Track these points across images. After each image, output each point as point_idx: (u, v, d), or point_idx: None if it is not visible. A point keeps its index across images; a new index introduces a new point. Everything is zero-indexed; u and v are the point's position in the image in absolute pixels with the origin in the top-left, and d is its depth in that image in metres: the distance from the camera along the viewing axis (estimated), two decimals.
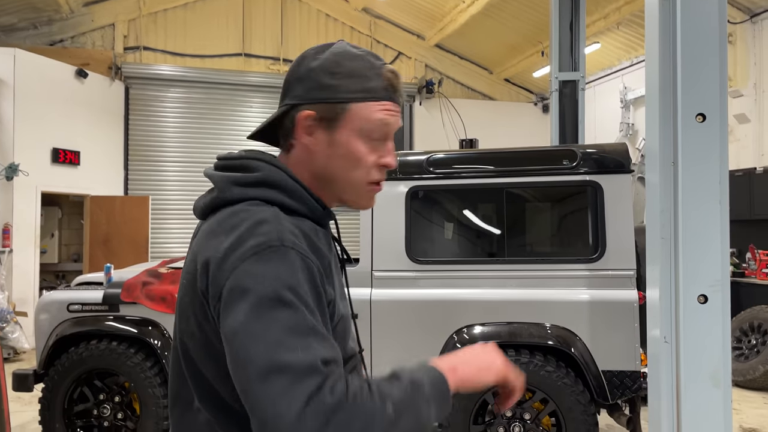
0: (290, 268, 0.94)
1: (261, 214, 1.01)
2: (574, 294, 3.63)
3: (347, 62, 1.09)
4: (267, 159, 1.10)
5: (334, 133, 1.09)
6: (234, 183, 1.07)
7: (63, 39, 10.06)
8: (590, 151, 3.76)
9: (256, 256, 0.94)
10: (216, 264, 0.96)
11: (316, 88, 1.08)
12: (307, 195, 1.08)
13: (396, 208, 3.85)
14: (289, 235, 0.98)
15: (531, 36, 10.30)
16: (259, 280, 0.92)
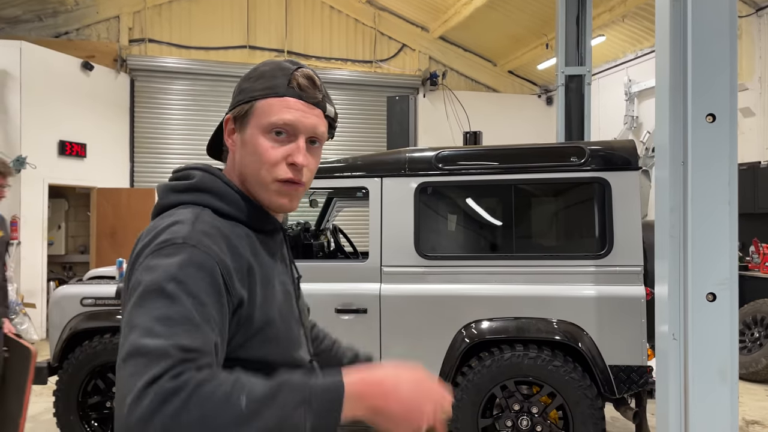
0: (183, 262, 0.97)
1: (180, 216, 1.06)
2: (581, 289, 3.67)
3: (261, 68, 1.17)
4: (205, 168, 1.16)
5: (244, 133, 1.14)
6: (170, 190, 1.15)
7: (68, 31, 10.07)
8: (598, 147, 3.79)
9: (157, 252, 0.99)
10: (131, 262, 1.05)
11: (236, 94, 1.17)
12: (238, 198, 1.13)
13: (405, 204, 3.89)
14: (197, 234, 1.02)
15: (535, 28, 10.29)
16: (149, 273, 0.97)
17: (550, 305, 3.67)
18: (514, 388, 3.65)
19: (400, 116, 7.82)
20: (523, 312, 3.69)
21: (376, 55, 11.67)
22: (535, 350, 3.60)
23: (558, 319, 3.64)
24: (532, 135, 11.45)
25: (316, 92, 1.15)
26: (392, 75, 11.68)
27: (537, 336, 3.63)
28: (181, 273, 0.96)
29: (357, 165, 4.03)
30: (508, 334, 3.66)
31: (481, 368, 3.63)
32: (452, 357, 3.71)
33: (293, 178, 1.13)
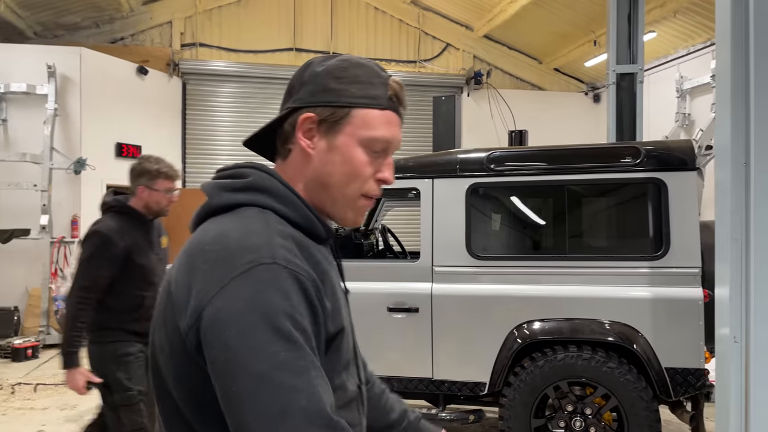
0: (284, 290, 0.86)
1: (251, 223, 0.94)
2: (637, 291, 3.64)
3: (353, 68, 1.05)
4: (259, 166, 1.05)
5: (333, 138, 1.03)
6: (223, 188, 1.03)
7: (124, 37, 10.44)
8: (654, 148, 3.75)
9: (246, 275, 0.86)
10: (200, 277, 0.89)
11: (320, 91, 1.03)
12: (299, 202, 1.02)
13: (456, 205, 3.93)
14: (280, 249, 0.90)
15: (583, 25, 10.15)
16: (250, 304, 0.84)
17: (604, 306, 3.65)
18: (568, 389, 3.65)
19: (446, 116, 7.85)
20: (576, 313, 3.68)
21: (420, 55, 11.71)
22: (589, 351, 3.59)
23: (612, 321, 3.62)
24: (579, 133, 11.28)
25: (405, 104, 1.11)
26: (436, 75, 11.69)
27: (591, 337, 3.62)
28: (286, 303, 0.85)
29: (408, 166, 4.08)
30: (561, 335, 3.66)
31: (533, 369, 3.64)
32: (504, 357, 3.73)
33: (379, 194, 1.09)
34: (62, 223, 8.25)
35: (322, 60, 1.08)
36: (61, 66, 8.27)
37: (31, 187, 7.87)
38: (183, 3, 10.65)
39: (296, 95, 1.06)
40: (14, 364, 6.92)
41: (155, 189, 3.02)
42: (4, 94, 8.13)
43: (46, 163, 7.91)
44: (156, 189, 3.02)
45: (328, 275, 1.00)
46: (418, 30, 11.67)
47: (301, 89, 1.05)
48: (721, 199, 2.82)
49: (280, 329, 0.84)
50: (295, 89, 1.07)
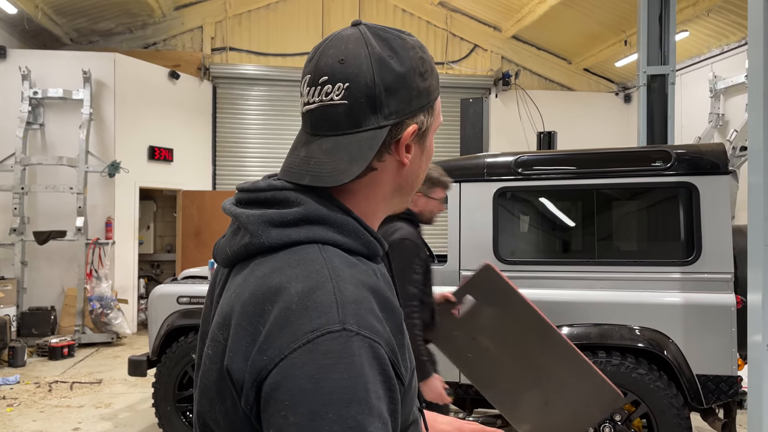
0: (357, 368, 0.72)
1: (313, 272, 0.78)
2: (667, 296, 3.60)
3: (427, 56, 0.92)
4: (304, 188, 0.87)
5: (425, 141, 0.93)
6: (270, 223, 0.84)
7: (156, 42, 10.65)
8: (685, 151, 3.70)
9: (311, 346, 0.72)
10: (257, 345, 0.75)
11: (414, 97, 0.88)
12: (361, 229, 0.87)
13: (484, 209, 3.93)
14: (352, 307, 0.76)
15: (613, 25, 10.02)
16: (316, 386, 0.70)
17: (634, 312, 3.61)
18: None
19: (473, 118, 7.84)
20: (605, 318, 3.65)
21: (447, 56, 11.69)
22: (618, 357, 3.56)
23: (642, 327, 3.58)
24: (609, 133, 11.17)
25: None
26: (464, 76, 11.66)
27: (620, 343, 3.58)
28: (359, 385, 0.71)
29: None
30: (590, 341, 3.63)
31: None
32: None
33: None
34: (97, 225, 8.46)
35: (384, 49, 0.88)
36: (96, 71, 8.48)
37: (67, 189, 8.09)
38: (213, 8, 10.82)
39: (387, 107, 0.87)
40: (51, 362, 7.12)
41: (432, 197, 3.00)
42: (41, 100, 8.37)
43: (82, 167, 8.12)
44: (433, 197, 3.00)
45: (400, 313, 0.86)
46: (446, 31, 11.66)
47: (390, 99, 0.87)
48: (754, 203, 2.77)
49: (351, 419, 0.70)
50: (381, 99, 0.86)
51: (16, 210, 7.98)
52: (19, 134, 8.08)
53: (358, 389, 0.71)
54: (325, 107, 0.87)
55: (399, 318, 0.82)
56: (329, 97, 0.86)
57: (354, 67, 0.86)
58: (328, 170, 0.85)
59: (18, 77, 8.22)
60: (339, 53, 0.87)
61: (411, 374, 0.86)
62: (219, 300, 0.89)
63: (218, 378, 0.80)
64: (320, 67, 0.87)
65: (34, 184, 8.25)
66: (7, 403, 5.51)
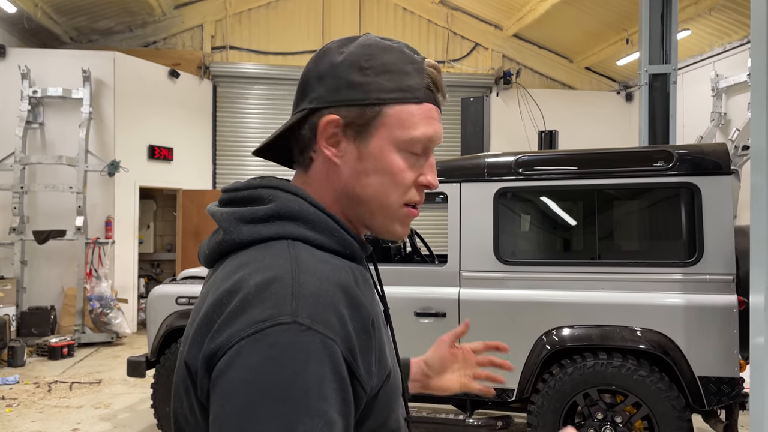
0: (301, 364, 0.69)
1: (274, 267, 0.77)
2: (668, 298, 3.57)
3: (380, 54, 0.87)
4: (280, 185, 0.87)
5: (364, 144, 0.87)
6: (241, 219, 0.84)
7: (156, 41, 10.63)
8: (687, 151, 3.67)
9: (258, 336, 0.70)
10: (210, 333, 0.74)
11: (343, 87, 0.86)
12: (334, 225, 0.85)
13: (484, 209, 3.90)
14: (307, 301, 0.73)
15: (615, 23, 9.99)
16: (254, 377, 0.69)
17: (635, 313, 3.59)
18: (597, 397, 3.59)
19: (474, 117, 7.80)
20: (606, 320, 3.63)
21: (448, 54, 11.66)
22: (619, 359, 3.54)
23: (643, 328, 3.56)
24: (611, 132, 11.13)
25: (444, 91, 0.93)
26: (465, 74, 11.63)
27: (621, 344, 3.56)
28: (299, 385, 0.69)
29: (436, 170, 4.07)
30: (591, 342, 3.61)
31: (562, 376, 3.60)
32: (532, 363, 3.69)
33: (422, 201, 0.93)
34: (97, 224, 8.44)
35: (340, 45, 0.89)
36: (96, 70, 8.45)
37: (66, 189, 8.07)
38: (213, 7, 10.80)
39: (313, 93, 0.88)
40: (51, 362, 7.10)
41: None
42: (41, 99, 8.35)
43: (81, 166, 8.10)
44: None
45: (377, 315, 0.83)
46: (447, 30, 11.62)
47: (318, 85, 0.87)
48: (756, 203, 2.74)
49: (283, 418, 0.68)
50: (310, 85, 0.88)
51: (15, 209, 7.96)
52: (18, 133, 8.06)
53: (297, 387, 0.69)
54: None
55: (366, 318, 0.79)
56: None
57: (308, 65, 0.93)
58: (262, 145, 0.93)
59: (17, 76, 8.19)
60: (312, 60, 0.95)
61: (384, 379, 0.82)
62: None
63: (183, 373, 0.80)
64: None
65: (34, 184, 8.23)
66: (6, 404, 5.50)
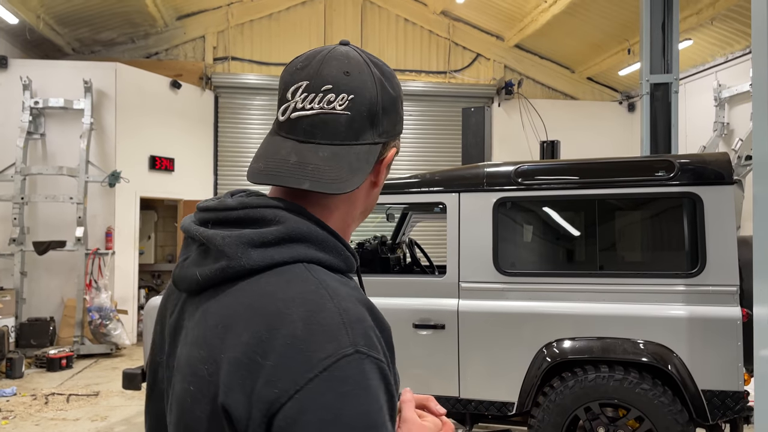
0: (374, 392, 0.71)
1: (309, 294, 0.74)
2: (671, 309, 3.51)
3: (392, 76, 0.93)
4: (282, 205, 0.83)
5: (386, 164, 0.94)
6: (249, 244, 0.78)
7: (158, 52, 10.66)
8: (689, 161, 3.62)
9: (327, 374, 0.69)
10: (262, 377, 0.70)
11: (399, 121, 0.92)
12: (339, 244, 0.85)
13: (483, 220, 3.85)
14: (356, 327, 0.73)
15: (617, 34, 9.98)
16: (336, 416, 0.68)
17: (637, 325, 3.52)
18: (599, 411, 3.52)
19: (475, 128, 7.78)
20: (607, 332, 3.57)
21: (450, 65, 11.66)
22: (621, 372, 3.47)
23: (645, 340, 3.50)
24: (613, 143, 11.10)
25: None
26: (466, 85, 11.63)
27: (623, 357, 3.49)
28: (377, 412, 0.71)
29: (434, 180, 4.03)
30: (592, 355, 3.55)
31: (563, 389, 3.54)
32: (533, 376, 3.63)
33: None
34: (97, 235, 8.42)
35: (388, 77, 0.91)
36: (97, 81, 8.47)
37: (67, 199, 8.05)
38: (216, 18, 10.84)
39: (382, 125, 0.89)
40: (49, 374, 7.05)
41: None
42: (42, 109, 8.36)
43: (82, 176, 8.09)
44: None
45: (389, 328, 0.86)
46: (448, 41, 11.63)
47: (385, 118, 0.89)
48: (760, 214, 2.69)
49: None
50: (379, 117, 0.88)
51: (15, 220, 7.94)
52: (19, 144, 8.06)
53: (376, 415, 0.70)
54: (325, 115, 0.85)
55: (390, 335, 0.80)
56: (331, 106, 0.85)
57: (359, 82, 0.86)
58: (331, 178, 0.82)
59: (19, 87, 8.21)
60: (343, 66, 0.86)
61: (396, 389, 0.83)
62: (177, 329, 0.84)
63: (210, 416, 0.74)
64: (323, 75, 0.85)
65: (35, 194, 8.22)
66: (2, 416, 5.45)
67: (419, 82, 11.44)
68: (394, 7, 11.43)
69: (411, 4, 11.48)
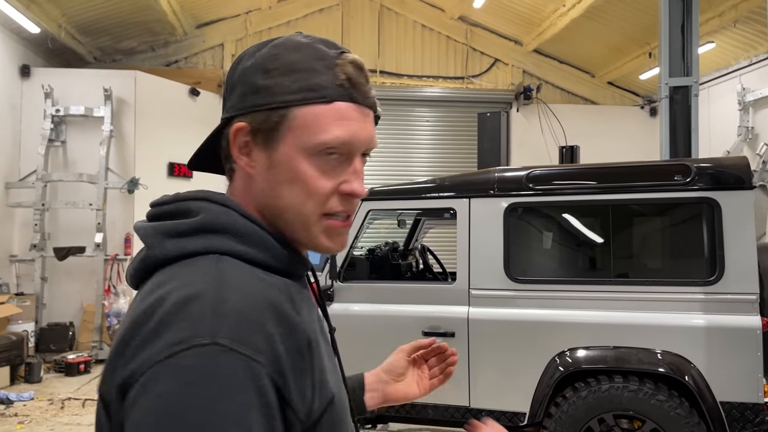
0: (220, 389, 0.64)
1: (195, 283, 0.71)
2: (688, 318, 3.40)
3: (286, 54, 0.81)
4: (210, 196, 0.83)
5: (273, 151, 0.81)
6: (165, 233, 0.78)
7: (177, 60, 10.78)
8: (706, 165, 3.52)
9: (173, 360, 0.65)
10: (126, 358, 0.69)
11: (249, 93, 0.81)
12: (268, 238, 0.80)
13: (494, 225, 3.79)
14: (229, 319, 0.67)
15: (637, 37, 9.82)
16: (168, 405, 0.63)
17: (653, 334, 3.43)
18: (613, 422, 3.43)
19: (491, 133, 7.70)
20: (621, 341, 3.47)
21: (467, 70, 11.59)
22: (636, 382, 3.37)
23: (661, 350, 3.39)
24: (635, 148, 10.91)
25: (368, 87, 0.84)
26: (484, 90, 11.54)
27: (638, 367, 3.40)
28: (217, 413, 0.63)
29: (444, 185, 3.98)
30: (606, 364, 3.46)
31: (576, 399, 3.45)
32: (545, 386, 3.55)
33: (348, 211, 0.85)
34: (116, 241, 8.50)
35: (256, 49, 0.85)
36: (117, 89, 8.57)
37: (86, 206, 8.15)
38: (234, 26, 10.92)
39: (229, 101, 0.85)
40: (67, 379, 7.12)
41: None
42: (63, 117, 8.48)
43: (101, 183, 8.19)
44: None
45: (315, 336, 0.78)
46: (466, 46, 11.57)
47: (232, 93, 0.84)
48: None
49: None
50: (226, 94, 0.86)
51: (36, 226, 8.06)
52: (41, 151, 8.18)
53: (214, 416, 0.63)
54: None
55: (301, 338, 0.73)
56: None
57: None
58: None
59: (41, 95, 8.35)
60: None
61: (326, 404, 0.77)
62: None
63: (98, 407, 0.75)
64: None
65: (55, 201, 8.33)
66: (18, 420, 5.50)
67: (436, 88, 11.40)
68: (412, 13, 11.41)
69: (428, 10, 11.45)
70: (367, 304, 3.85)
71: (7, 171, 8.28)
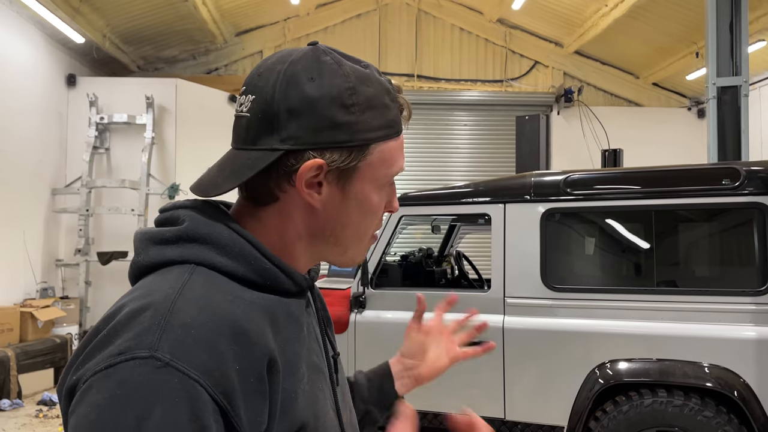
0: (149, 407, 0.61)
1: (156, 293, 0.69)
2: (737, 330, 3.22)
3: (362, 88, 0.78)
4: (194, 204, 0.81)
5: (349, 186, 0.80)
6: (151, 240, 0.78)
7: (218, 67, 10.95)
8: (757, 168, 3.33)
9: (110, 371, 0.63)
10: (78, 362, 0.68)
11: (326, 128, 0.76)
12: (256, 254, 0.77)
13: (530, 232, 3.67)
14: (176, 332, 0.65)
15: (683, 36, 9.50)
16: (96, 419, 0.61)
17: (699, 347, 3.25)
18: None
19: (529, 136, 7.54)
20: (666, 353, 3.31)
21: (506, 73, 11.42)
22: (681, 397, 3.21)
23: (709, 363, 3.22)
24: (681, 151, 10.54)
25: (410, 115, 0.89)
26: (524, 93, 11.35)
27: (683, 381, 3.23)
28: (141, 429, 0.60)
29: (480, 190, 3.88)
30: (649, 378, 3.30)
31: (617, 414, 3.30)
32: (584, 399, 3.41)
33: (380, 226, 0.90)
34: None
35: (306, 69, 0.78)
36: (159, 97, 8.74)
37: (129, 211, 8.33)
38: (273, 33, 11.04)
39: (286, 130, 0.76)
40: None
41: None
42: (107, 125, 8.69)
43: (143, 189, 8.35)
44: None
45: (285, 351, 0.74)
46: (505, 49, 11.40)
47: (291, 121, 0.76)
48: None
49: None
50: (280, 120, 0.76)
51: (81, 231, 8.27)
52: (86, 158, 8.41)
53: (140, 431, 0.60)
54: (236, 118, 0.83)
55: (260, 359, 0.69)
56: (240, 108, 0.82)
57: (264, 81, 0.79)
58: (208, 182, 0.80)
59: (86, 103, 8.58)
60: (263, 65, 0.82)
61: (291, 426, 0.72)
62: None
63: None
64: (247, 77, 0.83)
65: (99, 206, 8.54)
66: (59, 422, 5.62)
67: (474, 92, 11.26)
68: (450, 16, 11.32)
69: (466, 13, 11.33)
70: (400, 311, 3.79)
71: (54, 177, 8.53)
